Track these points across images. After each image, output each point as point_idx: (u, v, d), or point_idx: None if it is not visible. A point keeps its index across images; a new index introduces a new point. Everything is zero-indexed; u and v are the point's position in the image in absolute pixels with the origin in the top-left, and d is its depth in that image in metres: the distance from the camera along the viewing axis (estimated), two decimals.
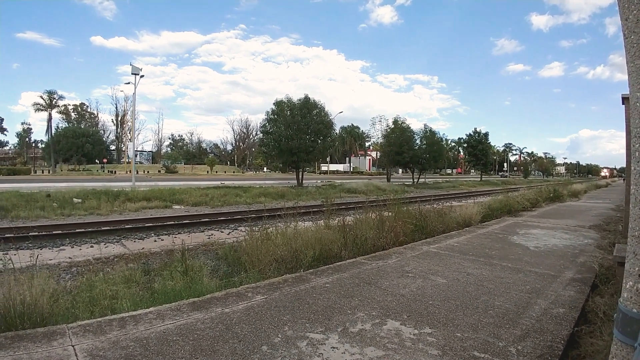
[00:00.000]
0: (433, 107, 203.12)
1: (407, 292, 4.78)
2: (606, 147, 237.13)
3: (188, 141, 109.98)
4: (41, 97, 68.92)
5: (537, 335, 3.56)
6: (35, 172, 58.21)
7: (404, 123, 44.94)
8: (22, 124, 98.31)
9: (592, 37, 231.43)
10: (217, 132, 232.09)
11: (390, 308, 4.19)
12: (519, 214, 14.31)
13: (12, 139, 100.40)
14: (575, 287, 5.20)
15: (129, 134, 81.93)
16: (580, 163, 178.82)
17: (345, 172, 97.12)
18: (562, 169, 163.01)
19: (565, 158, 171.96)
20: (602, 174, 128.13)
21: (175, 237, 10.36)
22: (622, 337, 2.13)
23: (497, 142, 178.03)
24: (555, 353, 3.25)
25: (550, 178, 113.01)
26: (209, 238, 10.42)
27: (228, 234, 11.31)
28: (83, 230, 10.90)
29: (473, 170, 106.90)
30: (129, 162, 62.95)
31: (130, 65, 29.15)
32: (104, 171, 63.83)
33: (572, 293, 4.92)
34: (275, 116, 31.51)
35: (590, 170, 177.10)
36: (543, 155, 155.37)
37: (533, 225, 11.30)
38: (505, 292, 4.87)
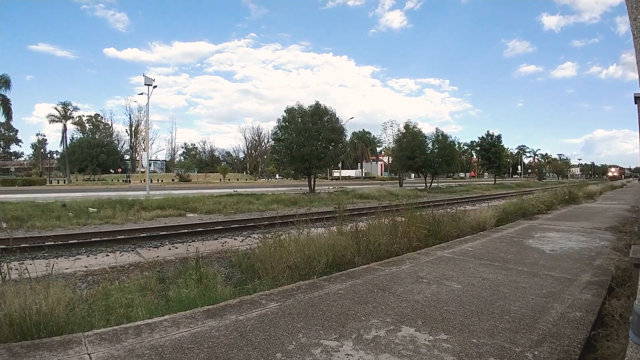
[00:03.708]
0: (445, 111, 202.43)
1: (422, 298, 4.76)
2: (621, 147, 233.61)
3: (201, 150, 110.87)
4: (55, 108, 69.79)
5: (554, 340, 3.52)
6: (51, 183, 58.81)
7: (416, 127, 44.67)
8: (37, 135, 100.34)
9: (604, 36, 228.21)
10: (229, 140, 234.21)
11: (405, 314, 4.17)
12: (534, 217, 14.15)
13: (27, 150, 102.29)
14: (591, 290, 5.13)
15: (142, 144, 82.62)
16: (595, 164, 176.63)
17: (357, 178, 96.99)
18: (576, 171, 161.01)
19: (579, 159, 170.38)
20: (610, 173, 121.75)
21: (189, 245, 10.41)
22: (638, 340, 2.11)
23: (510, 144, 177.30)
24: (572, 358, 3.21)
25: (565, 180, 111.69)
26: (222, 246, 10.47)
27: (241, 242, 11.35)
28: (98, 239, 11.00)
29: (486, 174, 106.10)
30: (143, 172, 63.49)
31: (143, 75, 29.48)
32: (128, 181, 64.14)
33: (589, 296, 4.85)
34: (287, 123, 31.61)
35: (605, 171, 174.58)
36: (557, 157, 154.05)
37: (549, 228, 11.18)
38: (521, 296, 4.82)
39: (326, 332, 3.67)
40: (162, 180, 66.34)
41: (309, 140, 30.61)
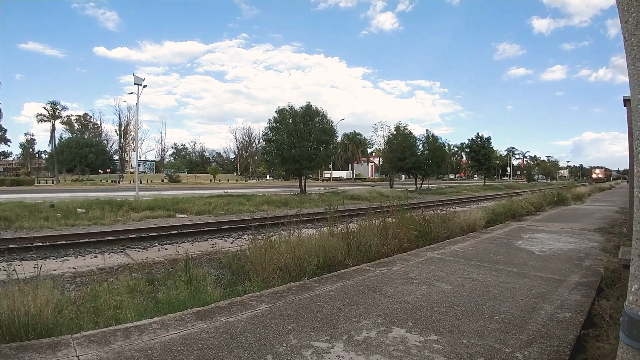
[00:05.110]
0: (435, 113, 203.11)
1: (412, 299, 4.76)
2: (609, 150, 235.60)
3: (191, 150, 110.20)
4: (44, 107, 68.82)
5: (544, 341, 3.54)
6: (39, 183, 58.18)
7: (406, 129, 44.83)
8: (26, 134, 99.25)
9: (594, 40, 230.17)
10: (219, 140, 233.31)
11: (396, 315, 4.17)
12: (524, 218, 14.27)
13: (15, 150, 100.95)
14: (581, 291, 5.17)
15: (132, 144, 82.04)
16: (584, 166, 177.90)
17: (348, 179, 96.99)
18: (565, 172, 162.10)
19: (568, 161, 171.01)
20: (594, 175, 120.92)
21: (179, 247, 10.35)
22: (628, 341, 2.12)
23: (499, 146, 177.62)
24: (562, 358, 3.23)
25: (554, 181, 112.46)
26: (212, 247, 10.42)
27: (232, 243, 11.30)
28: (87, 240, 10.90)
29: (476, 175, 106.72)
30: (132, 172, 63.03)
31: (133, 75, 29.29)
32: (118, 181, 63.65)
33: (578, 297, 4.89)
34: (278, 124, 31.55)
35: (591, 173, 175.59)
36: (546, 159, 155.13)
37: (538, 229, 11.26)
38: (511, 297, 4.85)
39: (317, 334, 3.66)
40: (151, 181, 65.84)
41: (300, 141, 30.58)
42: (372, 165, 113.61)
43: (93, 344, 3.35)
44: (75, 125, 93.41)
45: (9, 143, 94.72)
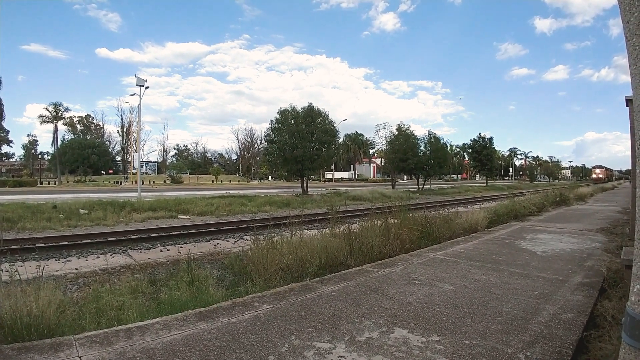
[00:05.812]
0: (437, 113, 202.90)
1: (414, 299, 4.76)
2: (612, 150, 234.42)
3: (193, 151, 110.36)
4: (47, 109, 68.89)
5: (546, 341, 3.53)
6: (42, 184, 58.29)
7: (408, 129, 44.74)
8: (28, 136, 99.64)
9: (596, 39, 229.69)
10: (221, 141, 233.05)
11: (398, 316, 4.17)
12: (526, 219, 14.25)
13: (18, 151, 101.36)
14: (583, 291, 5.16)
15: (134, 145, 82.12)
16: (586, 166, 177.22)
17: (350, 180, 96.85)
18: (567, 173, 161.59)
19: (570, 161, 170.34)
20: (594, 175, 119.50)
21: (181, 247, 10.36)
22: (630, 341, 2.12)
23: (502, 146, 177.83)
24: (564, 358, 3.22)
25: (556, 182, 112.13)
26: (214, 247, 10.43)
27: (234, 243, 11.31)
28: (89, 241, 10.93)
29: (478, 176, 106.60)
30: (134, 173, 63.12)
31: (135, 76, 29.37)
32: (126, 180, 63.83)
33: (581, 298, 4.88)
34: (280, 125, 31.55)
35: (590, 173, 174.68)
36: (548, 159, 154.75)
37: (540, 229, 11.24)
38: (513, 298, 4.84)
39: (319, 334, 3.66)
40: (153, 182, 65.94)
41: (302, 142, 30.58)
42: (374, 166, 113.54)
43: (95, 344, 3.35)
44: (78, 126, 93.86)
45: (11, 144, 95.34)
